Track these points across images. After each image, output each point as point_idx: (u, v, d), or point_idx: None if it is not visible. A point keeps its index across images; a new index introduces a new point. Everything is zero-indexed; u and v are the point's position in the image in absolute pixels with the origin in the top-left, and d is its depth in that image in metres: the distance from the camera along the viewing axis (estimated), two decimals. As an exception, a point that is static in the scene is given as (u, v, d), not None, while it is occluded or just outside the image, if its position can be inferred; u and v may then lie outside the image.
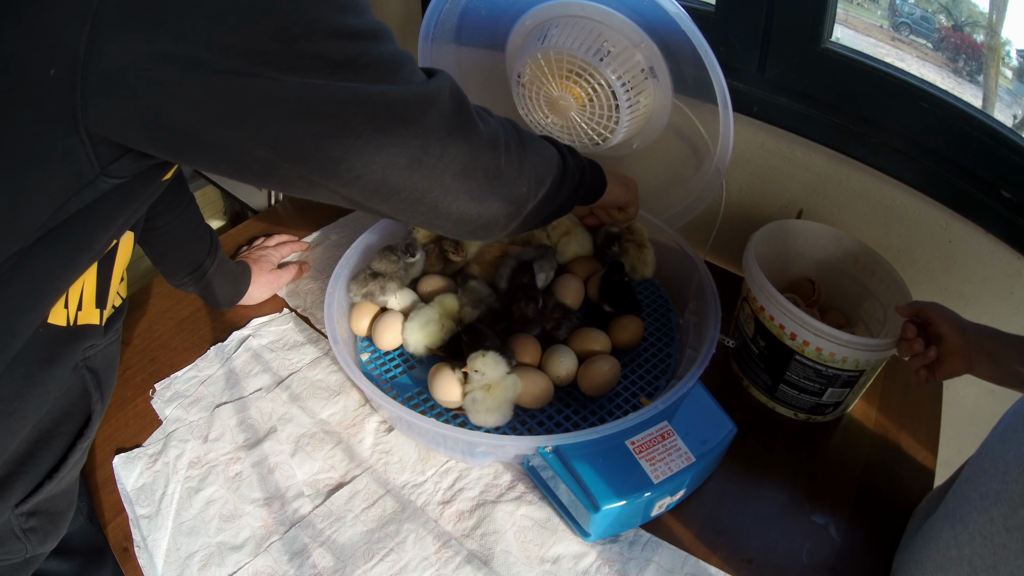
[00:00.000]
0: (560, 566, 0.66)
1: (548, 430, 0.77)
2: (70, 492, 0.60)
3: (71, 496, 0.60)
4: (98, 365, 0.56)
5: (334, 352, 0.75)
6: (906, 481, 0.77)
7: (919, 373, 0.68)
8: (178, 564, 0.65)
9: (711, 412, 0.73)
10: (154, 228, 0.79)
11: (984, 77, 0.87)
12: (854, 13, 0.93)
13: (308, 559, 0.66)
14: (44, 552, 0.58)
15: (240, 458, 0.75)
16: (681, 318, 0.92)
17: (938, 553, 0.54)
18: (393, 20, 1.32)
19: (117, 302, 0.58)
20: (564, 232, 0.98)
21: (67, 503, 0.59)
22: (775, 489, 0.75)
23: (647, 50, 0.83)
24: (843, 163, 0.93)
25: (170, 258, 0.83)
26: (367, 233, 0.94)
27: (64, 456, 0.55)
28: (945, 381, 0.79)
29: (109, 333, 0.57)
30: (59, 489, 0.56)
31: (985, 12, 0.87)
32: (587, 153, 1.00)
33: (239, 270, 0.92)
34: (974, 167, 0.83)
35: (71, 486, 0.60)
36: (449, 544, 0.67)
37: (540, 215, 0.66)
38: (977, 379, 0.66)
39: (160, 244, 0.81)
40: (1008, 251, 0.83)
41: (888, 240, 0.94)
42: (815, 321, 0.72)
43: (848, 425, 0.84)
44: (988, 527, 0.48)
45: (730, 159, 0.83)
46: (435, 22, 0.93)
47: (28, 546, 0.55)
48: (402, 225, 0.99)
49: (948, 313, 0.68)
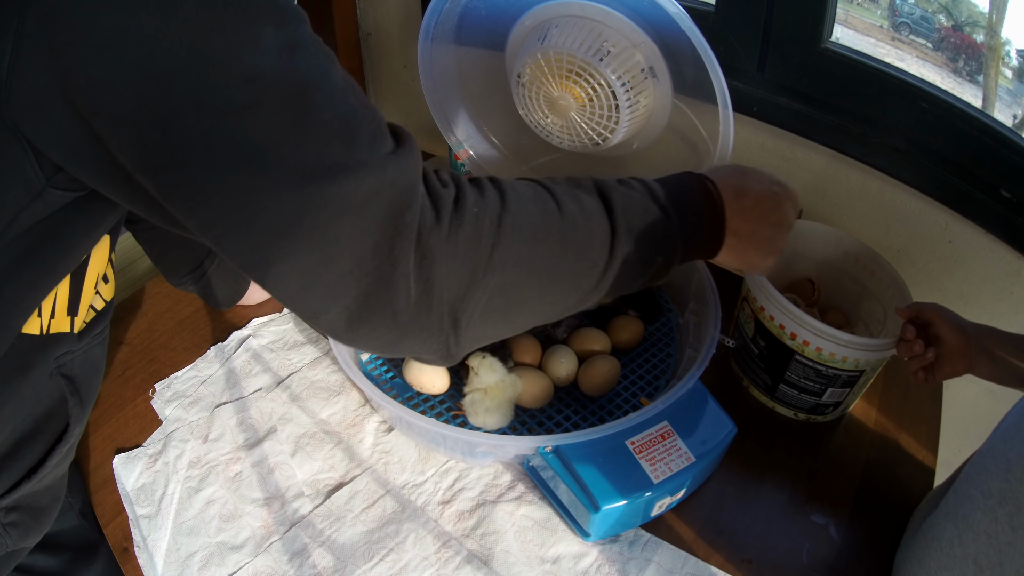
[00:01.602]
0: (560, 566, 0.66)
1: (548, 430, 0.77)
2: (55, 488, 0.60)
3: (56, 492, 0.60)
4: (75, 371, 0.55)
5: (334, 352, 0.75)
6: (906, 481, 0.77)
7: (918, 375, 0.68)
8: (178, 564, 0.65)
9: (711, 412, 0.73)
10: (153, 227, 0.79)
11: (984, 77, 0.87)
12: (854, 13, 0.93)
13: (308, 559, 0.66)
14: (26, 547, 0.58)
15: (240, 458, 0.75)
16: (681, 318, 0.92)
17: (942, 552, 0.54)
18: (393, 20, 1.33)
19: (100, 305, 0.56)
20: None
21: (51, 499, 0.59)
22: (775, 489, 0.75)
23: (647, 50, 0.83)
24: (843, 163, 0.93)
25: (170, 257, 0.83)
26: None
27: (44, 458, 0.55)
28: (945, 381, 0.79)
29: (88, 338, 0.55)
30: (41, 486, 0.56)
31: (985, 12, 0.87)
32: (588, 153, 1.00)
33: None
34: (974, 167, 0.83)
35: (56, 483, 0.60)
36: (449, 544, 0.67)
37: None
38: (977, 379, 0.66)
39: (159, 242, 0.81)
40: (1008, 251, 0.83)
41: (888, 240, 0.94)
42: (815, 321, 0.72)
43: (848, 425, 0.84)
44: (993, 526, 0.48)
45: (730, 159, 0.83)
46: (435, 22, 0.94)
47: (8, 540, 0.55)
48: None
49: (948, 314, 0.68)
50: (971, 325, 0.67)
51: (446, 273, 0.38)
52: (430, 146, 1.43)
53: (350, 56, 1.34)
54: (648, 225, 0.47)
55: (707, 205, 0.54)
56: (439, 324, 0.40)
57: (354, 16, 1.32)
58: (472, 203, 0.39)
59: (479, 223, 0.39)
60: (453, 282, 0.39)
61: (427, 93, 1.04)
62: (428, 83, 1.03)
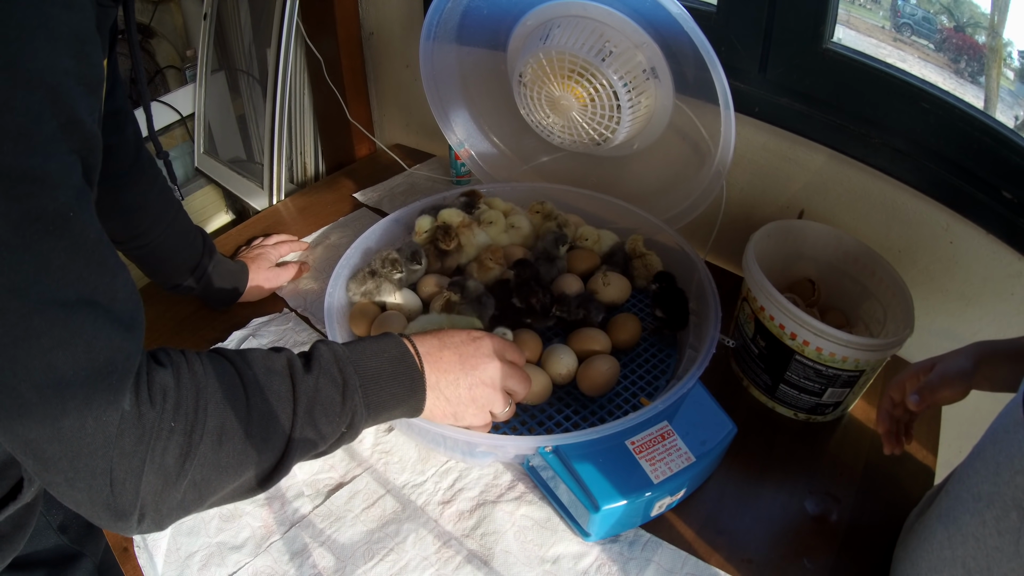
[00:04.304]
0: (560, 566, 0.66)
1: (548, 430, 0.77)
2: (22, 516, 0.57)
3: (25, 519, 0.58)
4: None
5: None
6: (906, 481, 0.77)
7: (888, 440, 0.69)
8: (178, 564, 0.65)
9: (711, 412, 0.73)
10: (143, 245, 0.79)
11: (985, 78, 0.87)
12: (856, 14, 0.93)
13: (308, 559, 0.66)
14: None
15: (240, 457, 0.75)
16: (681, 318, 0.91)
17: (932, 554, 0.54)
18: (394, 20, 1.33)
19: None
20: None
21: (13, 527, 0.57)
22: (775, 489, 0.75)
23: (649, 50, 0.83)
24: (844, 163, 0.93)
25: (168, 267, 0.83)
26: (367, 233, 0.94)
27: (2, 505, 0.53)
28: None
29: None
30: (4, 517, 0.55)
31: (987, 13, 0.87)
32: (589, 153, 1.00)
33: (237, 268, 0.92)
34: (975, 168, 0.83)
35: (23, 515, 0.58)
36: (449, 544, 0.67)
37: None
38: (978, 380, 0.66)
39: (153, 258, 0.81)
40: (1009, 252, 0.83)
41: (889, 241, 0.93)
42: (815, 321, 0.72)
43: (848, 425, 0.84)
44: (981, 529, 0.48)
45: (731, 159, 0.83)
46: (437, 22, 0.94)
47: None
48: (402, 229, 0.99)
49: (953, 376, 0.63)
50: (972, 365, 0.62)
51: (145, 483, 0.42)
52: (431, 146, 1.43)
53: (352, 56, 1.34)
54: (330, 404, 0.53)
55: (402, 369, 0.59)
56: (137, 522, 0.43)
57: (356, 16, 1.32)
58: (170, 417, 0.43)
59: (172, 437, 0.43)
60: (150, 491, 0.42)
61: (428, 93, 1.05)
62: (429, 83, 1.03)
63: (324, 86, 1.36)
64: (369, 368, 0.56)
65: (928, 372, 0.65)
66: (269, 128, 1.38)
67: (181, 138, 1.78)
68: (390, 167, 1.34)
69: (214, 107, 1.68)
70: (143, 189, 0.78)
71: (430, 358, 0.62)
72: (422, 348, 0.62)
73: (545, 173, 1.14)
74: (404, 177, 1.30)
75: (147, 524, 0.44)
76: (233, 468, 0.46)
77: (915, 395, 0.64)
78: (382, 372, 0.57)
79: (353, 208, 1.21)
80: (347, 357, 0.56)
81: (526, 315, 0.85)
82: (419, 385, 0.60)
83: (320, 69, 1.34)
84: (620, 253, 0.97)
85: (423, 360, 0.61)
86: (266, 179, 1.45)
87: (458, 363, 0.63)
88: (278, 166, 1.41)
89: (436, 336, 0.65)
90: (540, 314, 0.84)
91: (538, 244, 0.94)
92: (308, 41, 1.32)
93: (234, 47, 1.59)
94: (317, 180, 1.51)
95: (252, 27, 1.50)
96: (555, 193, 1.05)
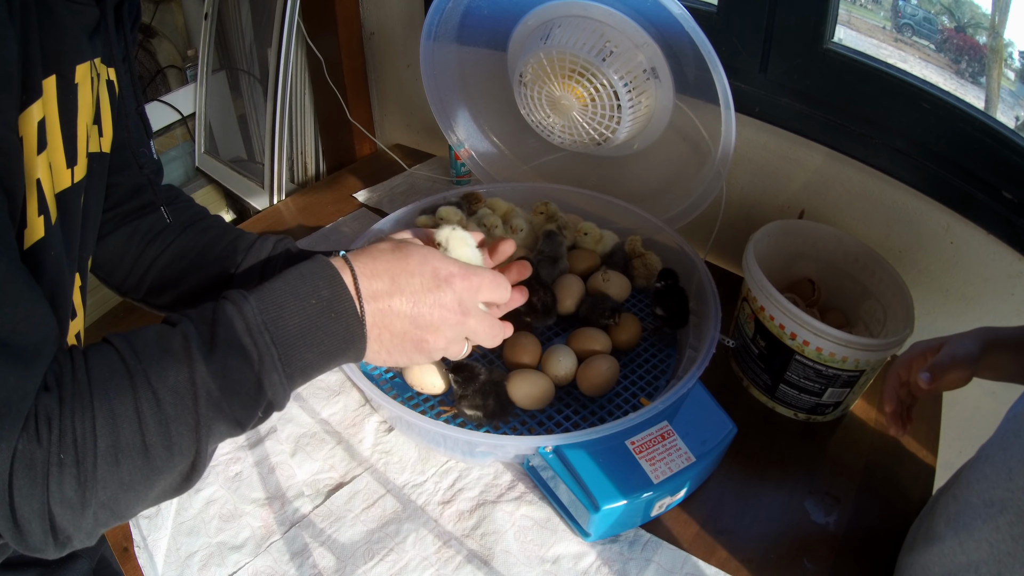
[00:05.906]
0: (560, 566, 0.66)
1: (548, 430, 0.77)
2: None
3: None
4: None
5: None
6: (906, 482, 0.77)
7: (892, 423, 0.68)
8: (178, 564, 0.65)
9: (711, 412, 0.73)
10: (171, 302, 0.68)
11: (986, 78, 0.87)
12: (857, 15, 0.93)
13: (308, 559, 0.66)
14: None
15: (240, 458, 0.75)
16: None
17: (944, 559, 0.54)
18: (395, 20, 1.33)
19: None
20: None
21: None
22: (775, 489, 0.75)
23: (649, 50, 0.83)
24: (844, 163, 0.93)
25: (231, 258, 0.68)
26: (367, 233, 0.94)
27: None
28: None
29: None
30: None
31: (988, 14, 0.87)
32: (589, 153, 1.00)
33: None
34: (976, 168, 0.83)
35: None
36: (449, 544, 0.67)
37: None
38: (978, 380, 0.65)
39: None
40: (1010, 252, 0.83)
41: (889, 241, 0.93)
42: (815, 321, 0.72)
43: (848, 425, 0.84)
44: (994, 535, 0.47)
45: (731, 159, 0.83)
46: (437, 21, 0.94)
47: None
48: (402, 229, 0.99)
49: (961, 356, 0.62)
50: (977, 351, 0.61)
51: (54, 516, 0.40)
52: (431, 146, 1.43)
53: (353, 55, 1.35)
54: (242, 386, 0.45)
55: (334, 319, 0.48)
56: (61, 548, 0.42)
57: (357, 16, 1.32)
58: (56, 450, 0.39)
59: (63, 470, 0.40)
60: (61, 522, 0.40)
61: (429, 92, 1.05)
62: (430, 82, 1.03)
63: (325, 86, 1.36)
64: (289, 328, 0.46)
65: (935, 352, 0.63)
66: (270, 128, 1.38)
67: (182, 138, 1.78)
68: (390, 167, 1.34)
69: (215, 107, 1.68)
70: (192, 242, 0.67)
71: (373, 298, 0.49)
72: (362, 275, 0.49)
73: (545, 173, 1.14)
74: (404, 177, 1.30)
75: (75, 545, 0.42)
76: (140, 483, 0.42)
77: (926, 373, 0.61)
78: (306, 330, 0.46)
79: (353, 208, 1.21)
80: (261, 320, 0.45)
81: (526, 314, 0.85)
82: (357, 335, 0.49)
83: (321, 69, 1.34)
84: (620, 253, 0.97)
85: (363, 300, 0.49)
86: (267, 179, 1.45)
87: (409, 320, 0.51)
88: (279, 166, 1.41)
89: (386, 262, 0.50)
90: (541, 313, 0.84)
91: (538, 245, 0.94)
92: (309, 41, 1.32)
93: (235, 47, 1.59)
94: (318, 180, 1.51)
95: (253, 27, 1.50)
96: (555, 193, 1.05)
